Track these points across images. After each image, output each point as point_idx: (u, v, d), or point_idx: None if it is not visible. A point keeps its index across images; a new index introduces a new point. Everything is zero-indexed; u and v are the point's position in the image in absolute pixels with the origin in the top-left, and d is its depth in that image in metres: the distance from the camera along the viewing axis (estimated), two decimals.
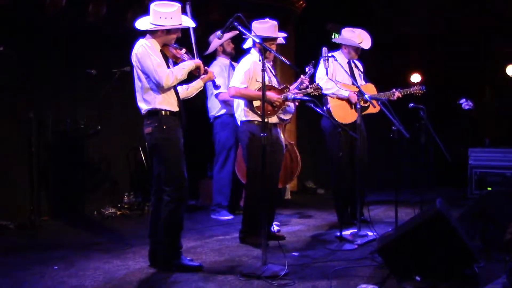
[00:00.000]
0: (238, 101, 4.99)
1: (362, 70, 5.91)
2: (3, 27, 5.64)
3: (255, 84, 4.83)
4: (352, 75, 5.74)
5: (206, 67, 4.24)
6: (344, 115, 5.65)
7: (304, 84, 5.12)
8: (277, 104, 4.87)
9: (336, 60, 5.37)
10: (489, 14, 8.64)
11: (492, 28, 8.77)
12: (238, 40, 5.58)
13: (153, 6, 3.98)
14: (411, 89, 5.80)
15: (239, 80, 4.84)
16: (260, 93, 4.67)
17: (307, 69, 5.22)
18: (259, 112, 4.66)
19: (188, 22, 4.11)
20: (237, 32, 4.71)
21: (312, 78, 5.24)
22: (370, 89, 5.75)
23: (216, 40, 6.14)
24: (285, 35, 5.03)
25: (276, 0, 7.79)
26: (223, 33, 4.42)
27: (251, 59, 4.90)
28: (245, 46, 5.12)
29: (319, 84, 5.20)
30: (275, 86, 4.98)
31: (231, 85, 4.95)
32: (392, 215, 5.21)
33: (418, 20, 9.10)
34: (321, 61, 5.17)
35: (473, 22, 8.82)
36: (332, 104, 5.67)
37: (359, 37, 5.75)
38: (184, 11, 4.12)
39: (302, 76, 5.15)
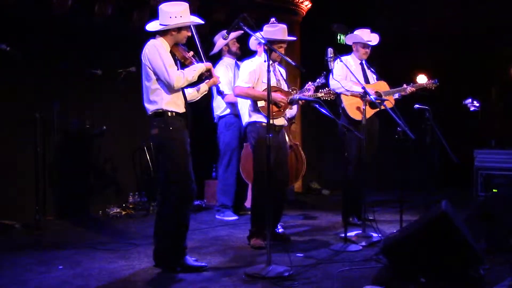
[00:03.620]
0: (243, 101, 5.00)
1: (374, 71, 5.95)
2: (9, 27, 5.66)
3: (261, 85, 4.84)
4: (365, 76, 5.79)
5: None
6: (359, 112, 5.63)
7: (310, 92, 5.08)
8: (282, 105, 4.87)
9: (341, 61, 5.37)
10: (495, 14, 8.61)
11: (498, 28, 8.74)
12: (244, 40, 5.58)
13: (162, 7, 3.99)
14: (424, 83, 5.85)
15: (244, 80, 4.86)
16: (264, 93, 4.71)
17: (318, 79, 5.18)
18: (264, 113, 4.67)
19: (196, 19, 4.11)
20: (242, 32, 4.71)
21: (318, 89, 5.20)
22: (382, 86, 5.76)
23: (221, 40, 6.14)
24: (294, 38, 5.04)
25: (281, 1, 7.80)
26: (228, 33, 4.43)
27: (258, 60, 4.92)
28: (251, 46, 5.14)
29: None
30: (283, 88, 4.97)
31: (236, 85, 4.97)
32: (397, 216, 5.20)
33: (423, 21, 9.08)
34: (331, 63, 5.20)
35: (479, 22, 8.79)
36: (346, 103, 5.68)
37: (368, 35, 5.79)
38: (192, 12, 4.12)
39: (310, 82, 5.10)
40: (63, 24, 6.06)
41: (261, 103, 4.81)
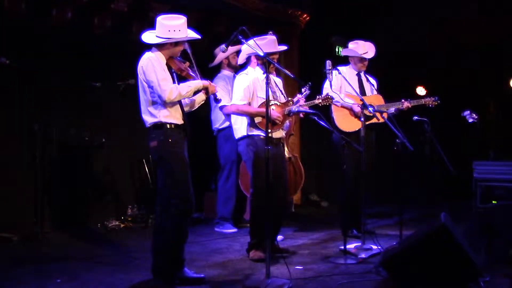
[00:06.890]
0: (239, 116, 4.98)
1: (374, 85, 5.95)
2: (8, 40, 5.67)
3: (257, 100, 4.84)
4: (361, 87, 5.81)
5: (209, 81, 4.26)
6: (348, 123, 5.72)
7: (300, 102, 5.04)
8: (279, 121, 4.84)
9: (340, 73, 5.40)
10: (494, 28, 8.66)
11: (497, 40, 8.79)
12: None
13: (160, 20, 3.99)
14: (423, 100, 5.82)
15: (239, 97, 4.85)
16: (260, 109, 4.73)
17: (303, 89, 5.12)
18: (262, 128, 4.68)
19: (193, 34, 4.13)
20: (242, 45, 4.73)
21: (307, 99, 5.17)
22: (376, 100, 5.77)
23: (221, 54, 6.17)
24: (285, 47, 5.05)
25: (280, 14, 7.85)
26: (227, 46, 4.44)
27: (252, 76, 4.90)
28: (239, 60, 5.13)
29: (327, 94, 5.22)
30: (279, 99, 4.97)
31: (231, 102, 4.95)
32: (397, 229, 5.18)
33: (422, 34, 9.13)
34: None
35: (477, 35, 8.84)
36: (335, 113, 5.74)
37: (363, 48, 5.84)
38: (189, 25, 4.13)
39: (298, 95, 5.08)
40: (63, 37, 6.08)
41: (258, 119, 4.80)
